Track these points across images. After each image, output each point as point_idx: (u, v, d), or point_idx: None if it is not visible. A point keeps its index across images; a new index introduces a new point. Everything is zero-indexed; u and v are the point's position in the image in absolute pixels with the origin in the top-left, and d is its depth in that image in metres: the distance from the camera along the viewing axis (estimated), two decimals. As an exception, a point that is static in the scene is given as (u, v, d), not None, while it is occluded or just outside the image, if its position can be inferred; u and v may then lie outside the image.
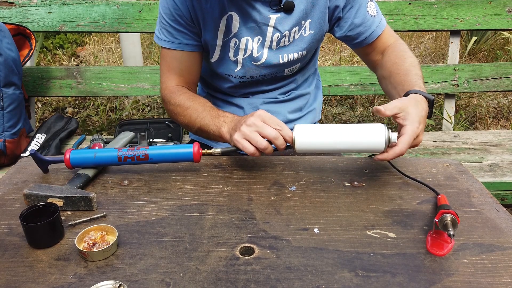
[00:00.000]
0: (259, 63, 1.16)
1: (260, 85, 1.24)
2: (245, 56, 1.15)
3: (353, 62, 3.72)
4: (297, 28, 1.13)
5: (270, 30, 1.11)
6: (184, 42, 1.14)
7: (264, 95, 1.27)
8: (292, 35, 1.14)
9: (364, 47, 1.22)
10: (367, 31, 1.18)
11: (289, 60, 1.17)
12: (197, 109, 1.09)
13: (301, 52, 1.18)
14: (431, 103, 0.96)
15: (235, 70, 1.19)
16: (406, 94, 0.97)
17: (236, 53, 1.15)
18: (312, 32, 1.15)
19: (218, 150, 0.97)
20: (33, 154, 0.97)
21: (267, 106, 1.27)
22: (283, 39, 1.13)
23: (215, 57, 1.17)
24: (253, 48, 1.14)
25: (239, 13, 1.09)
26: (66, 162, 0.96)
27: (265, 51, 1.15)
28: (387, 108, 0.88)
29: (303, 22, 1.13)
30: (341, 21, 1.17)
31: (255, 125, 0.91)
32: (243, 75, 1.19)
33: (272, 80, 1.24)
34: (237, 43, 1.13)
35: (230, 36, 1.13)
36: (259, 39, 1.13)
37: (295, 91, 1.29)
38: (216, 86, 1.28)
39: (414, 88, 0.98)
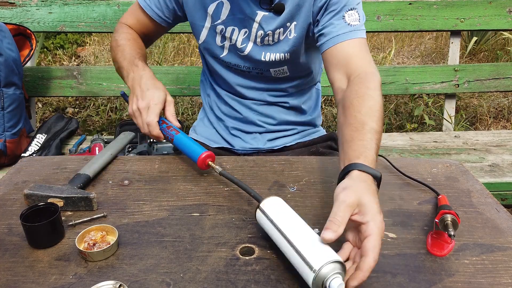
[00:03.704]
0: (242, 54, 1.18)
1: (248, 77, 1.24)
2: (231, 44, 1.18)
3: (354, 62, 3.71)
4: (281, 29, 1.12)
5: (255, 25, 1.12)
6: (153, 9, 1.20)
7: (254, 94, 1.26)
8: (276, 36, 1.13)
9: (325, 54, 1.07)
10: (332, 32, 1.05)
11: (271, 59, 1.16)
12: (125, 49, 1.16)
13: (283, 54, 1.16)
14: (378, 181, 0.77)
15: (221, 56, 1.21)
16: (349, 167, 0.77)
17: (222, 39, 1.18)
18: (296, 35, 1.13)
19: (219, 169, 0.93)
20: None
21: (260, 107, 1.27)
22: (267, 37, 1.14)
23: (201, 38, 1.20)
24: (237, 40, 1.15)
25: (230, 1, 1.11)
26: None
27: (250, 44, 1.16)
28: (339, 225, 0.67)
29: (288, 24, 1.12)
30: (318, 23, 1.10)
31: (138, 111, 1.03)
32: (229, 60, 1.21)
33: (259, 77, 1.24)
34: (223, 30, 1.15)
35: (217, 23, 1.15)
36: (245, 32, 1.14)
37: (287, 102, 1.28)
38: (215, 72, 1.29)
39: (359, 160, 0.77)
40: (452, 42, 2.18)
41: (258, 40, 1.14)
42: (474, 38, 3.59)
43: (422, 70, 2.13)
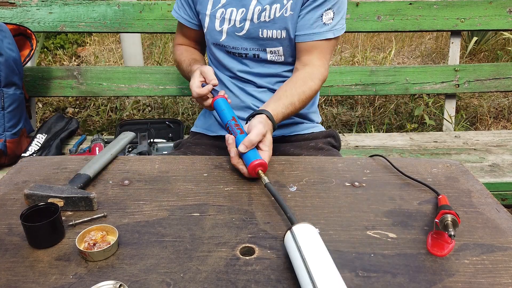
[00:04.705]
0: (240, 33, 1.24)
1: (246, 62, 1.29)
2: (229, 26, 1.24)
3: (354, 62, 3.72)
4: (278, 5, 1.19)
5: (253, 2, 1.19)
6: (183, 16, 1.33)
7: (253, 79, 1.30)
8: (273, 11, 1.20)
9: (296, 44, 1.24)
10: (304, 29, 1.21)
11: (268, 36, 1.23)
12: (183, 63, 1.32)
13: (280, 31, 1.22)
14: (274, 127, 1.08)
15: (220, 40, 1.27)
16: (265, 111, 1.07)
17: (221, 23, 1.24)
18: (292, 13, 1.20)
19: (265, 180, 0.92)
20: None
21: (260, 94, 1.31)
22: (264, 13, 1.20)
23: (205, 26, 1.28)
24: (236, 19, 1.22)
25: None
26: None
27: (247, 23, 1.22)
28: (252, 144, 0.97)
29: (285, 1, 1.19)
30: (302, 7, 1.21)
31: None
32: (227, 44, 1.27)
33: (256, 60, 1.28)
34: (224, 13, 1.22)
35: (218, 7, 1.23)
36: (243, 11, 1.21)
37: None
38: (218, 59, 1.34)
39: (272, 112, 1.08)
40: (452, 42, 2.17)
41: (255, 16, 1.21)
42: (474, 38, 3.59)
43: (422, 70, 2.13)
